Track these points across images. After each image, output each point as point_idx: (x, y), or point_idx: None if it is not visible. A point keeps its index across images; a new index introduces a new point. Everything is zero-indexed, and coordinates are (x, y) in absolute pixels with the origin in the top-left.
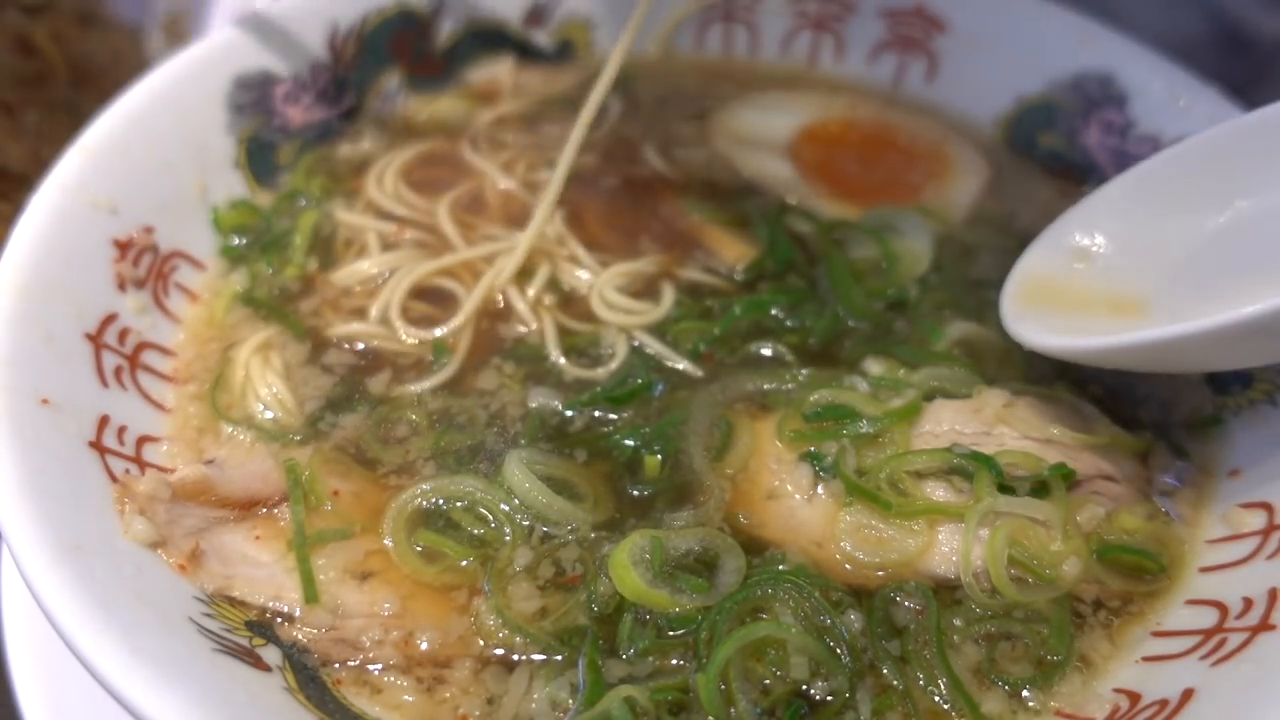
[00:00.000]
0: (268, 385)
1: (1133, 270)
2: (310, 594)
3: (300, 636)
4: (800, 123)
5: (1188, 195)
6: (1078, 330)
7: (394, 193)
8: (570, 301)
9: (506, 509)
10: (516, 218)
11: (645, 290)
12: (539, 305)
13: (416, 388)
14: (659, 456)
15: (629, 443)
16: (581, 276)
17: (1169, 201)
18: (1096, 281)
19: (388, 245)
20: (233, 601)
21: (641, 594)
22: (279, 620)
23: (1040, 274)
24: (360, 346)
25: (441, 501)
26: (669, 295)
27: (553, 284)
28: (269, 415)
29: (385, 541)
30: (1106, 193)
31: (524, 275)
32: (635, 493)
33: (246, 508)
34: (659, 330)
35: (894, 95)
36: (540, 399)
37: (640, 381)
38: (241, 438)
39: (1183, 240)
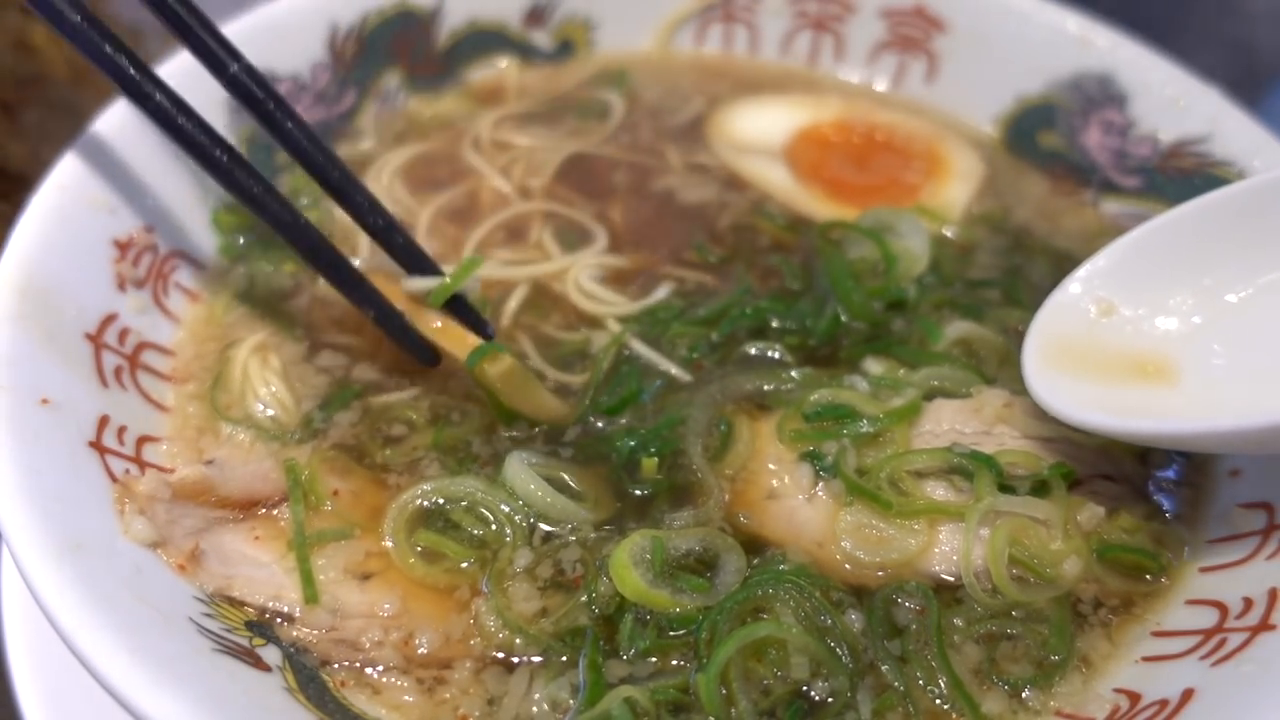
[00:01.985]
0: (266, 384)
1: (1157, 327)
2: (310, 594)
3: (300, 637)
4: (794, 125)
5: (1212, 253)
6: (1107, 403)
7: (390, 191)
8: (556, 309)
9: (507, 509)
10: (510, 222)
11: (639, 286)
12: (515, 328)
13: (414, 390)
14: (655, 458)
15: (627, 444)
16: (582, 286)
17: (1193, 256)
18: (1120, 339)
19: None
20: (232, 601)
21: (642, 594)
22: (279, 620)
23: (1061, 331)
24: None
25: (442, 502)
26: (662, 292)
27: (533, 301)
28: (268, 414)
29: (385, 542)
30: (1130, 240)
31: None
32: (635, 493)
33: (246, 508)
34: (651, 335)
35: (894, 95)
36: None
37: (630, 389)
38: (241, 437)
39: (1210, 298)
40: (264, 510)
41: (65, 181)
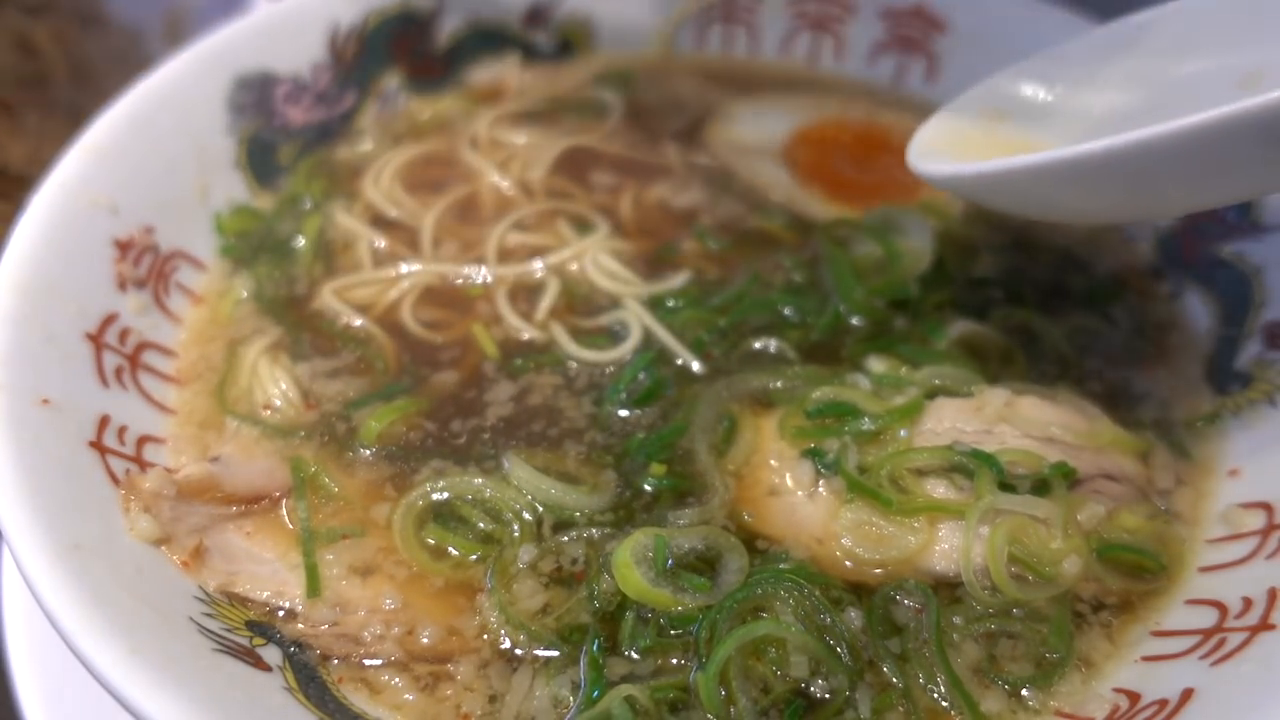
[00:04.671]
0: (276, 383)
1: (1048, 129)
2: (314, 588)
3: (302, 631)
4: (793, 126)
5: (1118, 70)
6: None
7: (389, 194)
8: (576, 292)
9: (514, 505)
10: (520, 221)
11: (651, 273)
12: (546, 320)
13: (419, 391)
14: (664, 464)
15: (636, 448)
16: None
17: (1096, 73)
18: (1009, 136)
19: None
20: (235, 598)
21: (644, 593)
22: (281, 614)
23: (953, 125)
24: (365, 348)
25: (449, 498)
26: (680, 279)
27: (565, 293)
28: (276, 412)
29: (393, 537)
30: (1040, 59)
31: (532, 290)
32: (640, 489)
33: (251, 504)
34: (666, 320)
35: (894, 96)
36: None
37: (652, 382)
38: (246, 434)
39: (1106, 109)
40: (269, 506)
41: (65, 181)
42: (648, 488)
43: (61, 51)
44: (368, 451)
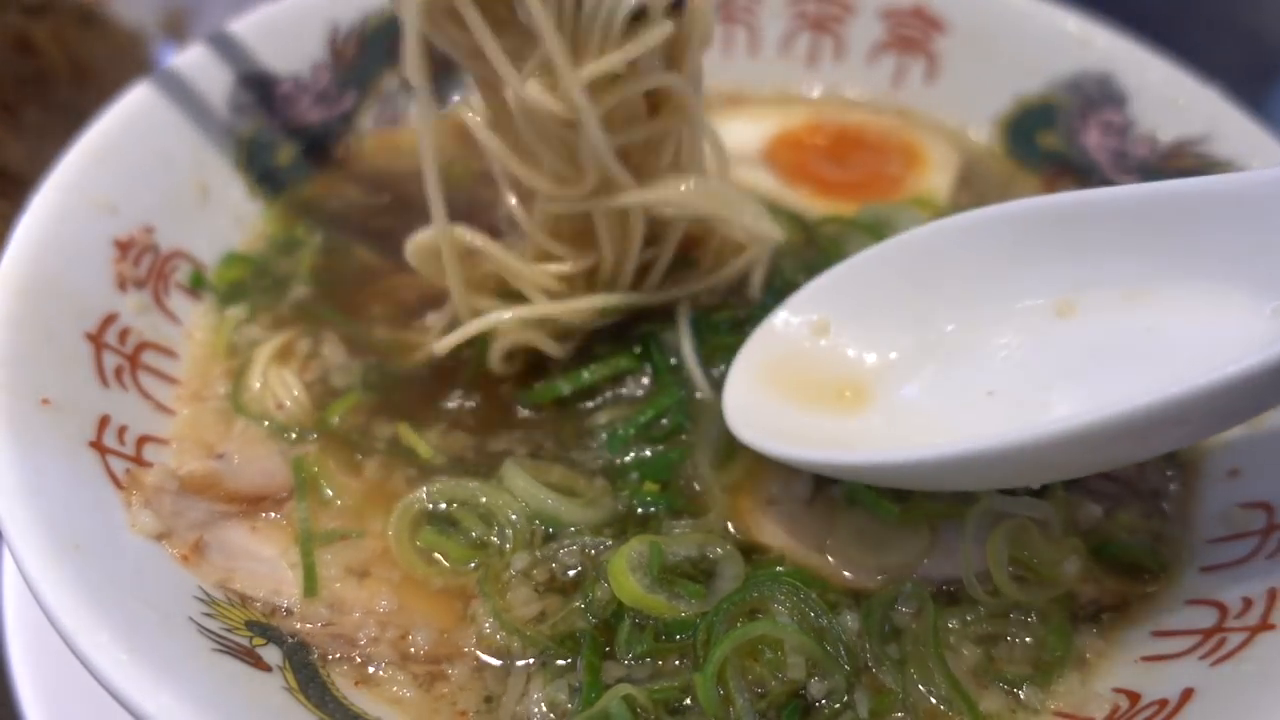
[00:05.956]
0: (285, 385)
1: (863, 354)
2: (310, 588)
3: (298, 629)
4: (768, 132)
5: (926, 285)
6: (795, 428)
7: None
8: None
9: (511, 514)
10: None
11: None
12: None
13: (423, 394)
14: (661, 483)
15: (635, 468)
16: None
17: (908, 286)
18: (828, 363)
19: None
20: (233, 595)
21: (639, 599)
22: (277, 612)
23: (774, 352)
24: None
25: (445, 504)
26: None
27: None
28: (283, 413)
29: (389, 541)
30: (851, 265)
31: None
32: (636, 505)
33: (253, 502)
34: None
35: (892, 97)
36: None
37: (671, 421)
38: (252, 432)
39: (917, 330)
40: (270, 505)
41: (65, 181)
42: (648, 502)
43: (61, 51)
44: (370, 454)
